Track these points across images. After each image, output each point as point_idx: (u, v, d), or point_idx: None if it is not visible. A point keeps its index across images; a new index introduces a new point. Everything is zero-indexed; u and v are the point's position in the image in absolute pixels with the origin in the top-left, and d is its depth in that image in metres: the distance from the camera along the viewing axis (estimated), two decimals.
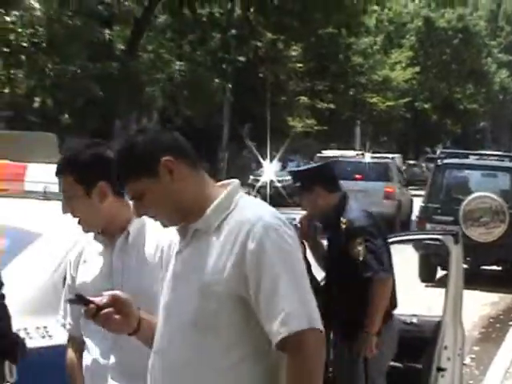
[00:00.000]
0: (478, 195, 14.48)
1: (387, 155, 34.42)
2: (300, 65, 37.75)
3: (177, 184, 2.59)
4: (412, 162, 49.05)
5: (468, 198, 14.41)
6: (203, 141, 33.58)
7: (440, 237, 5.72)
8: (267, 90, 34.33)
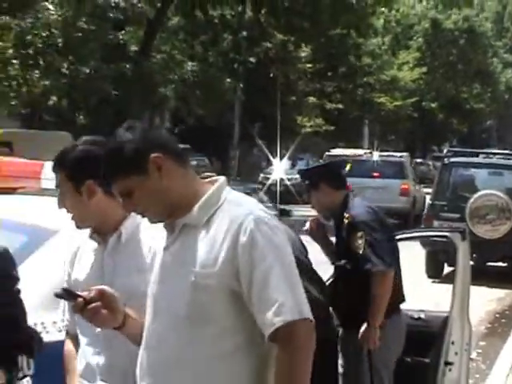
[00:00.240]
0: (484, 193, 14.44)
1: (395, 154, 34.33)
2: (309, 65, 37.72)
3: (165, 180, 2.58)
4: (419, 161, 48.90)
5: (474, 196, 14.37)
6: (215, 139, 33.62)
7: (447, 234, 5.70)
8: (277, 90, 34.29)
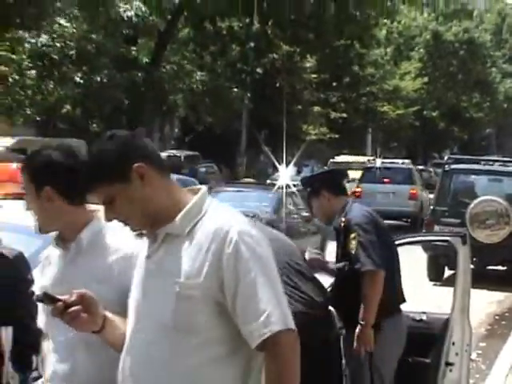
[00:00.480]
0: (484, 199, 14.40)
1: (397, 160, 34.40)
2: (314, 75, 37.72)
3: (147, 189, 2.53)
4: (421, 167, 48.84)
5: (474, 202, 14.33)
6: (223, 146, 33.64)
7: (448, 238, 5.68)
8: (283, 99, 34.30)
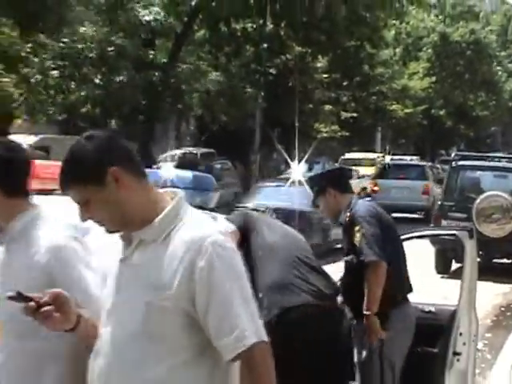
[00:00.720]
0: (490, 194, 14.36)
1: (406, 157, 34.38)
2: (326, 75, 37.62)
3: (122, 193, 2.45)
4: (429, 164, 48.64)
5: (481, 197, 14.30)
6: (237, 144, 33.61)
7: (456, 232, 5.67)
8: (295, 99, 34.24)
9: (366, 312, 5.03)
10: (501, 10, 67.78)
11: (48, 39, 22.20)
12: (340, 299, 5.08)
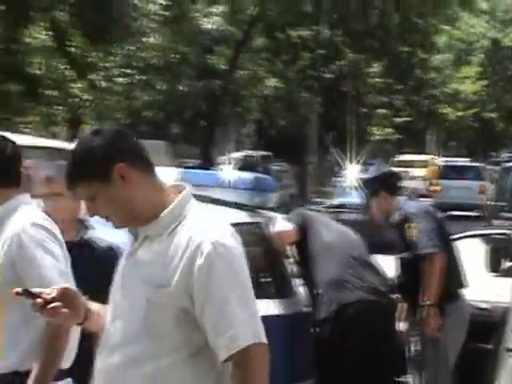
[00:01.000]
0: None
1: (458, 159, 34.15)
2: (379, 80, 37.45)
3: (128, 189, 2.35)
4: (482, 165, 48.01)
5: None
6: (294, 147, 33.63)
7: (507, 231, 5.60)
8: (349, 103, 34.14)
9: (424, 303, 4.99)
10: None
11: (114, 48, 22.55)
12: (396, 296, 5.06)
